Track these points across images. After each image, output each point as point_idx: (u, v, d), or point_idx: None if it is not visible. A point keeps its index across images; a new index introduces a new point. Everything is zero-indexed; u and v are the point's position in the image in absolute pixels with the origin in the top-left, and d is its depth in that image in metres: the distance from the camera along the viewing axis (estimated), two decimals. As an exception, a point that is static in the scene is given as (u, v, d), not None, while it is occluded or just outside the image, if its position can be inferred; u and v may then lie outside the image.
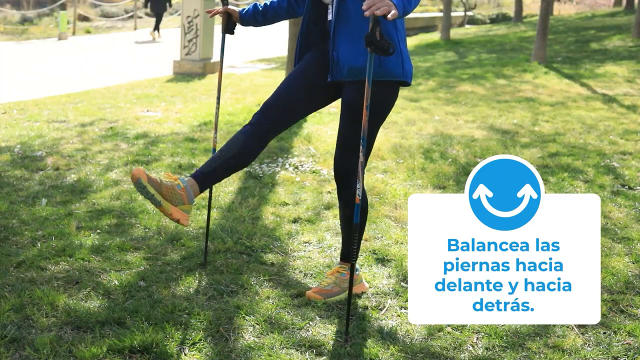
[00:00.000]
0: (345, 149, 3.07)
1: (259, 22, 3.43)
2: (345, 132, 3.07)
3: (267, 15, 3.39)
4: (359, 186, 2.82)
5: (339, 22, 2.99)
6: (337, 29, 3.00)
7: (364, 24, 2.91)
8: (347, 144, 3.06)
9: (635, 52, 13.48)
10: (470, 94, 9.26)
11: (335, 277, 3.25)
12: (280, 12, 3.38)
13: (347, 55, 2.98)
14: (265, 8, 3.40)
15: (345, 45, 2.98)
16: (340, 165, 3.11)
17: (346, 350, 2.77)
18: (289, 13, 3.39)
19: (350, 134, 3.04)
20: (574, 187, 5.09)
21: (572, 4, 36.00)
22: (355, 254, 2.94)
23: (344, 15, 2.98)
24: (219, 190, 4.82)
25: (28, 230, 3.98)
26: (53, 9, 23.33)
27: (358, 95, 2.98)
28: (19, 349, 2.70)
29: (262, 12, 3.39)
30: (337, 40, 3.00)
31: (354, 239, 2.89)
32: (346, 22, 2.98)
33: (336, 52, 3.00)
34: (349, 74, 3.00)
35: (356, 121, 3.00)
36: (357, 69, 2.97)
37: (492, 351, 2.82)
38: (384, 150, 5.93)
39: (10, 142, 6.07)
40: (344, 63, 2.99)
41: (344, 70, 3.00)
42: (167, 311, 3.03)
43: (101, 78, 11.23)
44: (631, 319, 3.13)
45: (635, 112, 7.99)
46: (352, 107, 3.03)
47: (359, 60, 2.95)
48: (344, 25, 2.98)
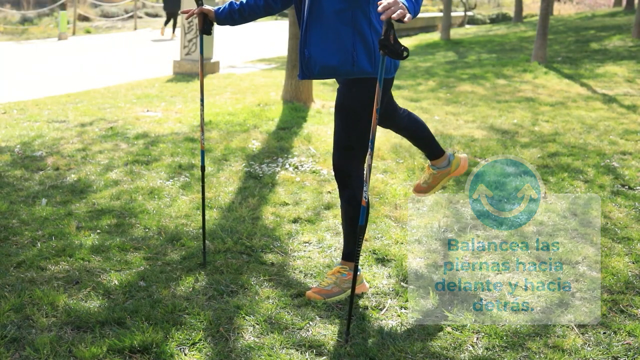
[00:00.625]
0: (341, 149, 3.10)
1: (236, 21, 3.39)
2: (340, 133, 3.09)
3: (244, 13, 3.35)
4: (365, 189, 2.82)
5: (312, 20, 2.99)
6: (310, 27, 3.00)
7: (337, 23, 2.93)
8: (343, 145, 3.09)
9: (635, 52, 13.48)
10: (470, 94, 9.26)
11: (336, 277, 3.25)
12: (257, 9, 3.34)
13: (319, 54, 2.98)
14: (242, 6, 3.36)
15: (318, 44, 2.98)
16: (338, 166, 3.12)
17: (346, 350, 2.77)
18: (266, 10, 3.34)
19: (344, 135, 3.07)
20: (574, 187, 5.09)
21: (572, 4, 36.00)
22: (357, 255, 2.94)
23: (317, 14, 2.97)
24: (219, 190, 4.83)
25: (28, 230, 3.98)
26: (53, 9, 23.34)
27: (348, 96, 3.01)
28: (19, 349, 2.70)
29: (238, 11, 3.36)
30: (309, 37, 3.00)
31: (358, 241, 2.88)
32: (319, 20, 2.97)
33: (307, 49, 3.01)
34: (321, 73, 3.02)
35: (348, 122, 3.02)
36: (329, 67, 2.98)
37: (492, 351, 2.82)
38: (384, 150, 5.92)
39: (10, 142, 6.07)
40: (315, 61, 3.00)
41: (315, 68, 3.01)
42: (167, 311, 3.03)
43: (101, 78, 11.23)
44: (631, 319, 3.13)
45: (635, 112, 7.99)
46: (342, 108, 3.05)
47: (332, 59, 2.96)
48: (317, 22, 2.98)
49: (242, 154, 5.81)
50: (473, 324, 3.03)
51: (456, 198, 4.78)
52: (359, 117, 3.03)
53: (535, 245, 3.98)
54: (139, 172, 5.25)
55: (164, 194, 4.74)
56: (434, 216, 4.42)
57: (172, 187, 4.90)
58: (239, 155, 5.75)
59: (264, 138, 6.37)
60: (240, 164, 5.53)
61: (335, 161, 3.14)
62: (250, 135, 6.44)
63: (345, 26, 2.93)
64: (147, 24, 25.01)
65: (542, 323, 3.06)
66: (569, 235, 4.15)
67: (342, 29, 2.94)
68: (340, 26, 2.94)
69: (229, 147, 5.95)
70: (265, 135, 6.48)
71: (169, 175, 5.18)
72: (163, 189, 4.85)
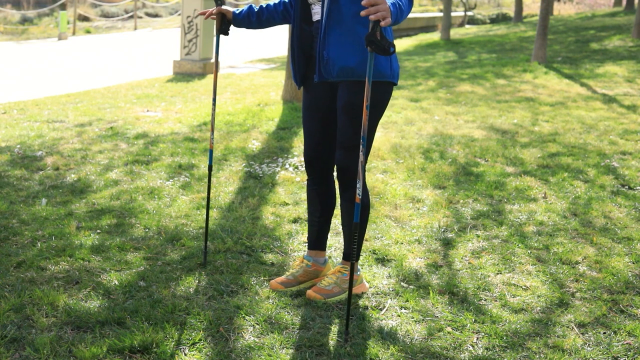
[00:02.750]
0: (347, 149, 3.08)
1: (253, 24, 3.40)
2: (347, 131, 3.08)
3: (262, 17, 3.37)
4: (359, 185, 2.83)
5: (330, 22, 3.01)
6: (328, 29, 3.02)
7: (356, 25, 2.96)
8: (350, 144, 3.07)
9: (635, 52, 13.49)
10: (470, 94, 9.26)
11: (337, 277, 3.25)
12: (275, 15, 3.36)
13: (338, 55, 3.00)
14: (261, 10, 3.38)
15: (337, 45, 3.00)
16: (343, 165, 3.12)
17: (346, 350, 2.77)
18: (284, 17, 3.37)
19: (351, 134, 3.06)
20: (574, 187, 5.09)
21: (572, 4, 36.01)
22: (356, 253, 2.93)
23: (335, 16, 3.00)
24: (219, 190, 4.83)
25: (28, 230, 3.98)
26: (53, 9, 23.34)
27: (354, 95, 3.02)
28: (19, 349, 2.70)
29: (257, 14, 3.38)
30: (328, 40, 3.02)
31: (353, 238, 2.89)
32: (338, 22, 3.00)
33: (327, 51, 3.02)
34: (340, 74, 3.03)
35: (356, 120, 3.02)
36: (348, 69, 3.00)
37: (492, 351, 2.82)
38: (384, 150, 5.93)
39: (10, 142, 6.07)
40: (334, 63, 3.02)
41: (334, 70, 3.03)
42: (167, 311, 3.03)
43: (101, 78, 11.23)
44: (631, 319, 3.13)
45: (635, 112, 7.99)
46: (350, 106, 3.05)
47: (350, 60, 2.99)
48: (336, 25, 3.00)
49: (242, 154, 5.81)
50: (473, 324, 3.03)
51: (456, 198, 4.78)
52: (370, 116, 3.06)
53: (535, 245, 3.98)
54: (139, 172, 5.25)
55: (164, 194, 4.74)
56: (434, 216, 4.42)
57: (172, 187, 4.90)
58: (239, 155, 5.75)
59: (263, 138, 6.37)
60: (240, 164, 5.53)
61: (340, 161, 3.13)
62: (250, 135, 6.44)
63: (364, 28, 2.97)
64: (147, 24, 25.03)
65: (542, 323, 3.06)
66: (569, 235, 4.15)
67: (361, 31, 2.97)
68: (359, 28, 2.98)
69: (229, 147, 5.95)
70: (265, 135, 6.48)
71: (169, 175, 5.18)
72: (163, 189, 4.85)
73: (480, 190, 4.94)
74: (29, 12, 23.53)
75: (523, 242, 4.02)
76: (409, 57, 14.52)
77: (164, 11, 28.05)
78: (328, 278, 3.26)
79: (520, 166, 5.62)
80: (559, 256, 3.81)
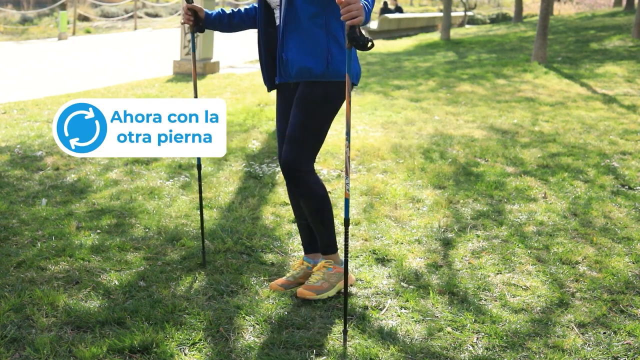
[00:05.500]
0: (292, 142, 3.12)
1: (224, 26, 3.42)
2: (293, 123, 3.13)
3: (233, 20, 3.40)
4: (347, 181, 2.84)
5: (287, 24, 3.07)
6: (286, 32, 3.08)
7: (312, 27, 3.04)
8: (296, 137, 3.11)
9: (635, 52, 13.49)
10: (470, 94, 9.26)
11: (323, 272, 3.27)
12: (247, 20, 3.39)
13: (296, 57, 3.07)
14: (233, 13, 3.40)
15: (294, 47, 3.07)
16: (287, 160, 3.14)
17: (346, 350, 2.77)
18: (255, 22, 3.38)
19: (300, 128, 3.11)
20: (574, 187, 5.09)
21: (572, 4, 36.01)
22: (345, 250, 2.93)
23: (292, 17, 3.06)
24: (219, 190, 4.83)
25: (28, 230, 3.98)
26: (53, 9, 23.34)
27: (309, 90, 3.08)
28: (19, 349, 2.70)
29: (228, 16, 3.40)
30: (286, 42, 3.09)
31: (346, 235, 2.89)
32: (294, 24, 3.06)
33: (285, 53, 3.09)
34: (297, 75, 3.09)
35: (304, 116, 3.09)
36: (305, 69, 3.07)
37: (492, 351, 2.82)
38: (384, 150, 5.93)
39: (10, 142, 6.07)
40: (292, 63, 3.08)
41: (293, 70, 3.09)
42: (167, 311, 3.03)
43: (101, 78, 11.22)
44: (631, 319, 3.13)
45: (635, 112, 7.99)
46: (302, 100, 3.10)
47: (307, 61, 3.06)
48: (293, 27, 3.07)
49: (242, 154, 5.81)
50: (473, 324, 3.03)
51: (456, 198, 4.78)
52: (320, 112, 3.10)
53: (535, 245, 3.98)
54: (139, 172, 5.25)
55: (163, 194, 4.74)
56: (434, 216, 4.42)
57: (172, 187, 4.90)
58: (238, 155, 5.75)
59: (263, 138, 6.37)
60: (240, 164, 5.53)
61: (284, 156, 3.15)
62: (250, 135, 6.44)
63: (319, 29, 3.05)
64: (147, 24, 25.02)
65: (542, 323, 3.06)
66: (569, 235, 4.15)
67: (317, 32, 3.05)
68: (315, 30, 3.05)
69: (228, 147, 5.95)
70: (265, 135, 6.48)
71: (168, 175, 5.18)
72: (163, 189, 4.85)
73: (480, 190, 4.93)
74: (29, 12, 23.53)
75: (523, 242, 4.02)
76: (409, 57, 14.51)
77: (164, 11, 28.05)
78: (315, 275, 3.28)
79: (520, 166, 5.62)
80: (559, 256, 3.81)
